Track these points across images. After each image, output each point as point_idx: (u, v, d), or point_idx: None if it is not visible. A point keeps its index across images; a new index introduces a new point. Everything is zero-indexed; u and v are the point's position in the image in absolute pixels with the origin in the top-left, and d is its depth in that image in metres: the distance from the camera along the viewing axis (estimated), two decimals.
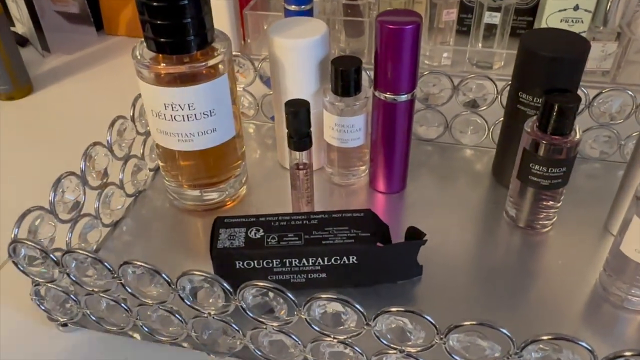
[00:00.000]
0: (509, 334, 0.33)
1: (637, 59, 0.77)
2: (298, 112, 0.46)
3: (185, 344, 0.44)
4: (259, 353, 0.41)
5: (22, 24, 0.91)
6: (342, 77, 0.51)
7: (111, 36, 0.95)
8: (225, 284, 0.37)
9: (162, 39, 0.45)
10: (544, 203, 0.51)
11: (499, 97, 0.58)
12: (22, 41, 0.91)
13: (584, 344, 0.32)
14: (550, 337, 0.33)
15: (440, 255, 0.50)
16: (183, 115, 0.48)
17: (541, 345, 0.34)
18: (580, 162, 0.60)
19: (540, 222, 0.52)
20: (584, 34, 0.74)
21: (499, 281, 0.48)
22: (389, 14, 0.48)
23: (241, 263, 0.45)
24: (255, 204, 0.57)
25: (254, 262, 0.45)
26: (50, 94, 0.80)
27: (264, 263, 0.45)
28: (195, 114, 0.48)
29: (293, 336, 0.39)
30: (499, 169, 0.58)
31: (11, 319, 0.47)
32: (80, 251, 0.39)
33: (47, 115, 0.75)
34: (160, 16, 0.44)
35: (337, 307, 0.36)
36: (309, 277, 0.46)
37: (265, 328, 0.39)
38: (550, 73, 0.48)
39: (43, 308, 0.44)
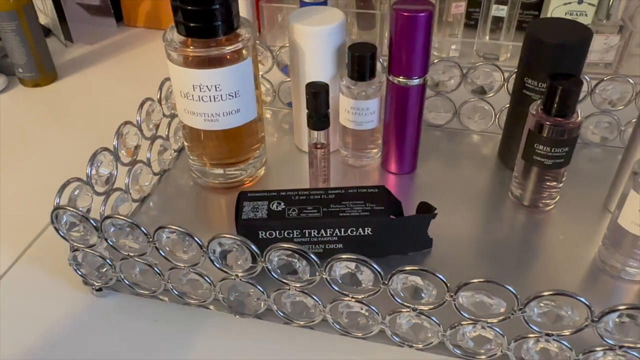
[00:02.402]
0: (513, 291, 0.36)
1: (639, 52, 0.79)
2: (318, 93, 0.49)
3: (212, 307, 0.47)
4: (282, 314, 0.44)
5: (45, 15, 0.95)
6: (359, 63, 0.54)
7: (130, 27, 0.99)
8: (253, 246, 0.40)
9: (191, 24, 0.49)
10: (547, 183, 0.54)
11: (506, 84, 0.62)
12: (46, 32, 0.95)
13: (582, 299, 0.36)
14: (551, 292, 0.36)
15: (449, 231, 0.53)
16: (210, 96, 0.51)
17: (543, 303, 0.37)
18: (582, 147, 0.63)
19: (544, 201, 0.55)
20: None
21: (504, 254, 0.51)
22: (403, 2, 0.51)
23: (264, 233, 0.48)
24: (273, 184, 0.60)
25: (275, 233, 0.48)
26: (74, 81, 0.84)
27: (285, 233, 0.48)
28: (221, 95, 0.51)
29: (314, 297, 0.42)
30: (505, 152, 0.61)
31: (49, 285, 0.50)
32: (119, 216, 0.42)
33: (71, 101, 0.79)
34: (191, 2, 0.48)
35: (355, 269, 0.39)
36: (327, 247, 0.49)
37: (289, 289, 0.42)
38: (554, 59, 0.51)
39: (80, 273, 0.48)
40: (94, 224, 0.43)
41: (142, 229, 0.42)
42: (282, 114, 0.71)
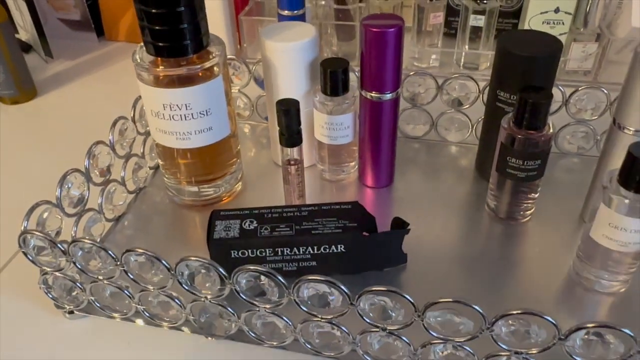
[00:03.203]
0: (480, 310, 0.36)
1: (617, 59, 0.80)
2: (288, 110, 0.49)
3: (184, 329, 0.47)
4: (253, 335, 0.44)
5: (25, 31, 0.94)
6: (331, 78, 0.54)
7: (112, 42, 0.99)
8: (220, 269, 0.40)
9: (160, 43, 0.48)
10: (522, 195, 0.54)
11: (481, 95, 0.62)
12: (26, 48, 0.94)
13: (549, 318, 0.35)
14: (518, 312, 0.36)
15: (424, 245, 0.53)
16: (181, 115, 0.51)
17: (510, 321, 0.37)
18: (559, 156, 0.63)
19: (519, 213, 0.55)
20: (565, 36, 0.77)
21: (478, 268, 0.51)
22: (373, 17, 0.51)
23: (236, 252, 0.48)
24: (250, 200, 0.60)
25: (248, 252, 0.48)
26: (54, 98, 0.83)
27: (258, 252, 0.48)
28: (192, 114, 0.51)
29: (284, 317, 0.42)
30: (481, 164, 0.61)
31: (20, 308, 0.50)
32: (86, 240, 0.42)
33: (50, 118, 0.79)
34: (159, 22, 0.47)
35: (324, 289, 0.39)
36: (300, 265, 0.49)
37: (258, 310, 0.42)
38: (525, 71, 0.51)
39: (51, 296, 0.47)
40: (62, 248, 0.43)
41: (110, 252, 0.42)
42: (261, 128, 0.71)
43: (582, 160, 0.63)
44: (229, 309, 0.43)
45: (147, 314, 0.46)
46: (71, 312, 0.49)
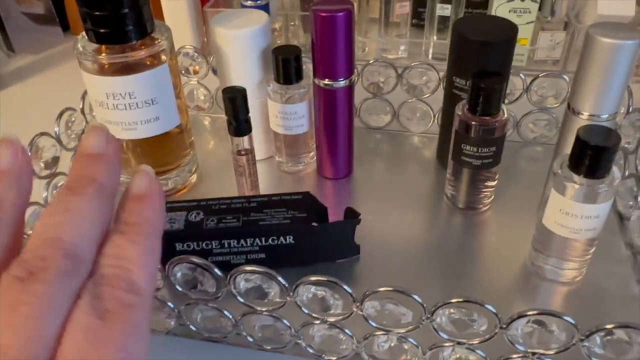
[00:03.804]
0: (419, 300, 0.35)
1: None
2: (234, 97, 0.47)
3: None
4: (194, 328, 0.42)
5: None
6: (283, 66, 0.53)
7: (77, 36, 0.97)
8: None
9: (101, 30, 0.47)
10: (480, 183, 0.52)
11: (441, 83, 0.60)
12: None
13: (489, 307, 0.34)
14: (458, 300, 0.34)
15: (381, 236, 0.51)
16: (125, 104, 0.49)
17: (451, 310, 0.35)
18: (521, 145, 0.62)
19: (478, 202, 0.54)
20: (532, 24, 0.76)
21: (435, 259, 0.50)
22: (323, 2, 0.50)
23: (181, 245, 0.46)
24: (205, 192, 0.58)
25: (193, 244, 0.46)
26: (14, 93, 0.81)
27: (204, 245, 0.46)
28: (137, 103, 0.49)
29: (225, 312, 0.40)
30: (442, 153, 0.60)
31: None
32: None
33: (10, 113, 0.77)
34: (98, 7, 0.46)
35: (260, 280, 0.38)
36: (249, 257, 0.47)
37: (197, 304, 0.40)
38: (480, 57, 0.50)
39: None
40: None
41: None
42: (221, 121, 0.70)
43: (545, 149, 0.62)
44: (169, 303, 0.41)
45: None
46: None
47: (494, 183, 0.53)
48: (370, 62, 0.61)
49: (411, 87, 0.62)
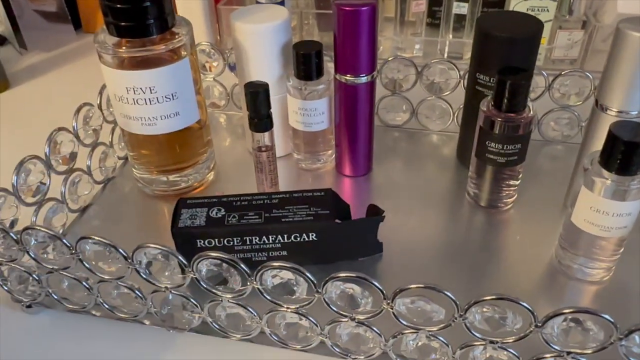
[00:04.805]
0: (452, 297, 0.34)
1: (604, 48, 0.78)
2: (257, 92, 0.46)
3: (146, 321, 0.44)
4: (217, 326, 0.42)
5: (0, 24, 0.92)
6: (304, 61, 0.52)
7: (89, 34, 0.96)
8: (179, 257, 0.38)
9: (122, 23, 0.46)
10: (504, 182, 0.52)
11: (462, 81, 0.60)
12: (0, 40, 0.92)
13: (524, 304, 0.33)
14: (492, 297, 0.34)
15: (402, 235, 0.51)
16: (145, 99, 0.48)
17: (484, 308, 0.35)
18: (542, 144, 0.61)
19: (501, 200, 0.53)
20: (550, 23, 0.75)
21: (458, 258, 0.49)
22: None
23: (202, 242, 0.46)
24: (222, 189, 0.58)
25: (215, 241, 0.46)
26: (27, 89, 0.81)
27: (225, 241, 0.46)
28: (157, 98, 0.49)
29: (249, 308, 0.40)
30: (462, 151, 0.59)
31: None
32: (39, 227, 0.39)
33: (22, 109, 0.76)
34: (120, 1, 0.45)
35: (288, 276, 0.37)
36: (270, 254, 0.47)
37: (221, 301, 0.39)
38: (505, 53, 0.49)
39: (6, 288, 0.45)
40: (14, 237, 0.40)
41: (64, 240, 0.40)
42: (237, 118, 0.69)
43: (566, 148, 0.61)
44: (192, 299, 0.41)
45: (107, 306, 0.43)
46: (29, 306, 0.46)
47: (517, 182, 0.52)
48: (390, 59, 0.61)
49: (431, 84, 0.61)
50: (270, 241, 0.46)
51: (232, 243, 0.46)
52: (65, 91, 0.80)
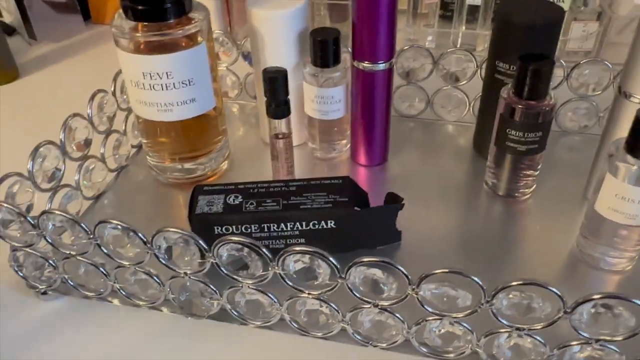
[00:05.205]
0: (479, 282, 0.34)
1: (619, 40, 0.77)
2: (275, 78, 0.46)
3: (164, 309, 0.44)
4: (236, 314, 0.41)
5: (9, 13, 0.91)
6: (321, 48, 0.51)
7: (98, 25, 0.96)
8: (200, 241, 0.37)
9: (139, 7, 0.46)
10: (523, 172, 0.51)
11: (479, 70, 0.59)
12: (10, 30, 0.92)
13: (553, 289, 0.33)
14: (520, 282, 0.33)
15: (420, 224, 0.50)
16: (162, 84, 0.48)
17: (511, 294, 0.34)
18: (560, 135, 0.61)
19: (520, 190, 0.52)
20: (565, 15, 0.74)
21: (477, 247, 0.48)
22: None
23: (220, 228, 0.45)
24: (236, 179, 0.57)
25: (232, 227, 0.45)
26: (36, 79, 0.80)
27: (242, 228, 0.45)
28: (173, 83, 0.48)
29: (269, 294, 0.39)
30: (479, 141, 0.58)
31: None
32: (57, 212, 0.39)
33: (31, 99, 0.76)
34: None
35: (311, 261, 0.36)
36: (288, 242, 0.46)
37: (241, 287, 0.39)
38: (526, 40, 0.49)
39: (21, 274, 0.44)
40: (31, 221, 0.40)
41: (82, 224, 0.39)
42: (250, 108, 0.68)
43: (584, 139, 0.60)
44: (211, 286, 0.40)
45: (124, 293, 0.43)
46: (44, 293, 0.46)
47: (536, 172, 0.51)
48: (405, 48, 0.60)
49: (447, 74, 0.60)
50: (288, 228, 0.45)
51: (249, 230, 0.45)
52: (74, 81, 0.79)
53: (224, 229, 0.45)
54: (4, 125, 0.69)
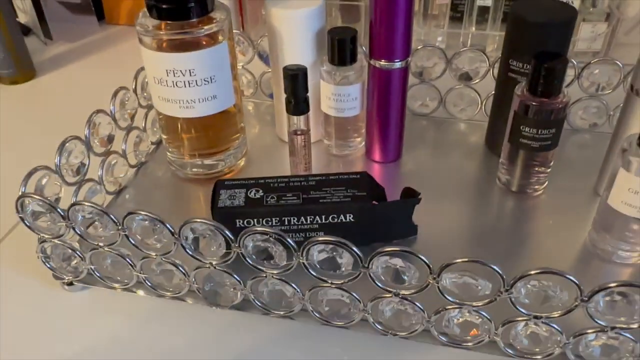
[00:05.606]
0: (499, 270, 0.35)
1: (627, 41, 0.78)
2: (296, 75, 0.47)
3: (188, 299, 0.45)
4: (259, 304, 0.42)
5: (25, 14, 0.93)
6: (339, 46, 0.53)
7: (112, 25, 0.97)
8: (227, 231, 0.38)
9: (163, 6, 0.47)
10: (535, 168, 0.52)
11: (492, 69, 0.60)
12: (25, 31, 0.93)
13: (571, 277, 0.34)
14: (538, 271, 0.34)
15: (435, 219, 0.51)
16: (184, 82, 0.49)
17: (530, 283, 0.35)
18: (571, 133, 0.62)
19: (532, 186, 0.53)
20: None
21: (491, 241, 0.50)
22: None
23: (241, 222, 0.46)
24: (253, 174, 0.58)
25: (254, 221, 0.46)
26: (52, 79, 0.82)
27: (264, 222, 0.46)
28: (196, 80, 0.49)
29: (293, 284, 0.40)
30: (492, 139, 0.59)
31: (18, 280, 0.48)
32: (86, 203, 0.40)
33: (49, 97, 0.77)
34: None
35: (333, 251, 0.37)
36: (308, 235, 0.47)
37: (266, 277, 0.40)
38: (539, 39, 0.50)
39: (49, 266, 0.46)
40: (61, 212, 0.41)
41: (111, 216, 0.40)
42: (265, 106, 0.70)
43: (594, 137, 0.62)
44: (235, 276, 0.41)
45: (149, 284, 0.44)
46: (70, 284, 0.47)
47: (549, 169, 0.52)
48: (419, 47, 0.61)
49: (460, 73, 0.62)
50: (308, 222, 0.47)
51: (270, 223, 0.46)
52: (90, 80, 0.80)
53: (245, 222, 0.46)
54: (22, 122, 0.71)
